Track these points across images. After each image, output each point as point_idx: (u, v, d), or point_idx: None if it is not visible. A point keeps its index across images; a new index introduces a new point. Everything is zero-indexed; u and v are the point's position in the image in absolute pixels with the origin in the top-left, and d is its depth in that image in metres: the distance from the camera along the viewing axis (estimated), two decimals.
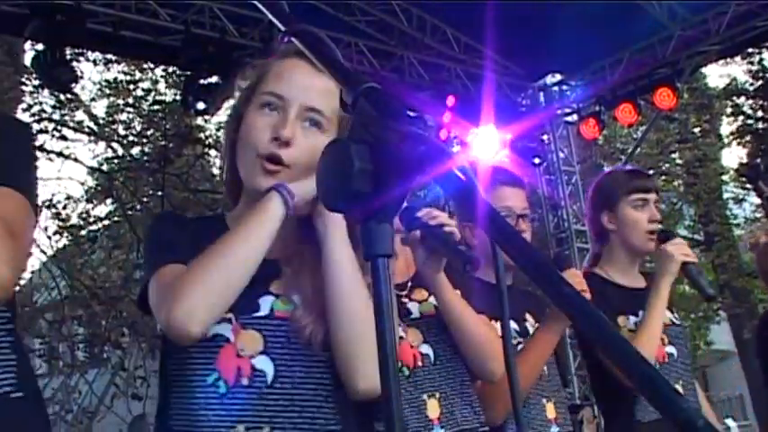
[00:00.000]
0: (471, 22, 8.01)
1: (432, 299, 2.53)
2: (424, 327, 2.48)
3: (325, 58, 1.11)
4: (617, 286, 3.24)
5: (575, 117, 9.24)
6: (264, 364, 1.70)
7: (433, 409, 2.37)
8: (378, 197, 1.00)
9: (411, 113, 1.00)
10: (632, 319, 3.14)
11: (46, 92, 13.22)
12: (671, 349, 3.18)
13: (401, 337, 2.41)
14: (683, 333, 3.33)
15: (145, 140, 15.01)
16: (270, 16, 1.22)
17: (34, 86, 13.25)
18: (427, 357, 2.43)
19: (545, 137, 9.37)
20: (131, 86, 15.36)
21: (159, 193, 13.24)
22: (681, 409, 0.75)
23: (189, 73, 7.09)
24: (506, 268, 1.10)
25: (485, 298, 2.51)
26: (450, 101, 8.25)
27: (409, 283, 2.56)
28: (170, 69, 13.31)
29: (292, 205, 1.70)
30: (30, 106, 13.79)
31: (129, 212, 14.43)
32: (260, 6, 1.26)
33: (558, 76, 9.38)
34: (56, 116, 14.27)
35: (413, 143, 0.96)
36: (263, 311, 1.74)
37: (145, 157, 14.52)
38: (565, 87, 9.42)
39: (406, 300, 2.51)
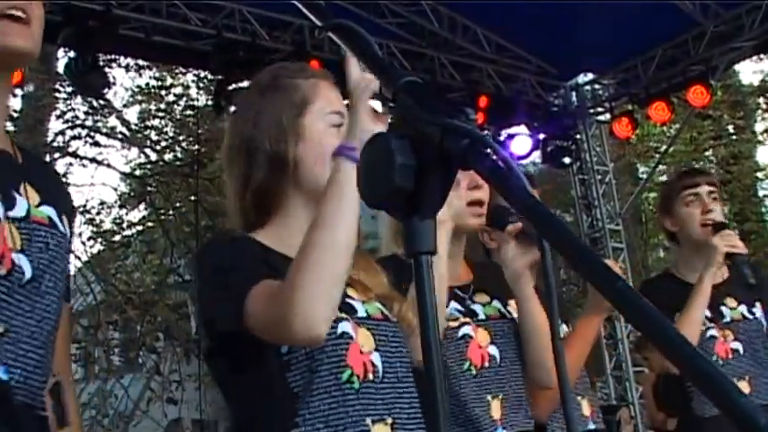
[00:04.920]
0: (502, 22, 7.97)
1: (495, 302, 2.58)
2: (491, 328, 2.51)
3: (364, 52, 1.09)
4: (686, 284, 3.27)
5: (607, 116, 9.15)
6: (378, 361, 1.84)
7: (495, 409, 2.40)
8: (420, 193, 0.98)
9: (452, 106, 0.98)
10: None
11: (79, 98, 13.34)
12: (736, 345, 3.23)
13: (471, 337, 2.45)
14: (759, 328, 3.30)
15: (177, 145, 15.11)
16: (305, 12, 1.21)
17: (67, 93, 13.37)
18: (494, 359, 2.46)
19: (578, 136, 9.30)
20: (163, 92, 15.46)
21: (192, 198, 13.28)
22: (740, 406, 0.72)
23: (220, 77, 7.09)
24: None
25: None
26: (483, 101, 8.22)
27: (471, 287, 2.59)
28: (201, 74, 13.36)
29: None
30: (63, 113, 13.92)
31: (163, 217, 14.51)
32: (296, 3, 1.24)
33: (591, 75, 9.31)
34: (89, 122, 14.38)
35: (455, 136, 0.94)
36: (362, 313, 1.87)
37: (177, 162, 14.59)
38: (597, 86, 9.36)
39: (469, 302, 2.54)
